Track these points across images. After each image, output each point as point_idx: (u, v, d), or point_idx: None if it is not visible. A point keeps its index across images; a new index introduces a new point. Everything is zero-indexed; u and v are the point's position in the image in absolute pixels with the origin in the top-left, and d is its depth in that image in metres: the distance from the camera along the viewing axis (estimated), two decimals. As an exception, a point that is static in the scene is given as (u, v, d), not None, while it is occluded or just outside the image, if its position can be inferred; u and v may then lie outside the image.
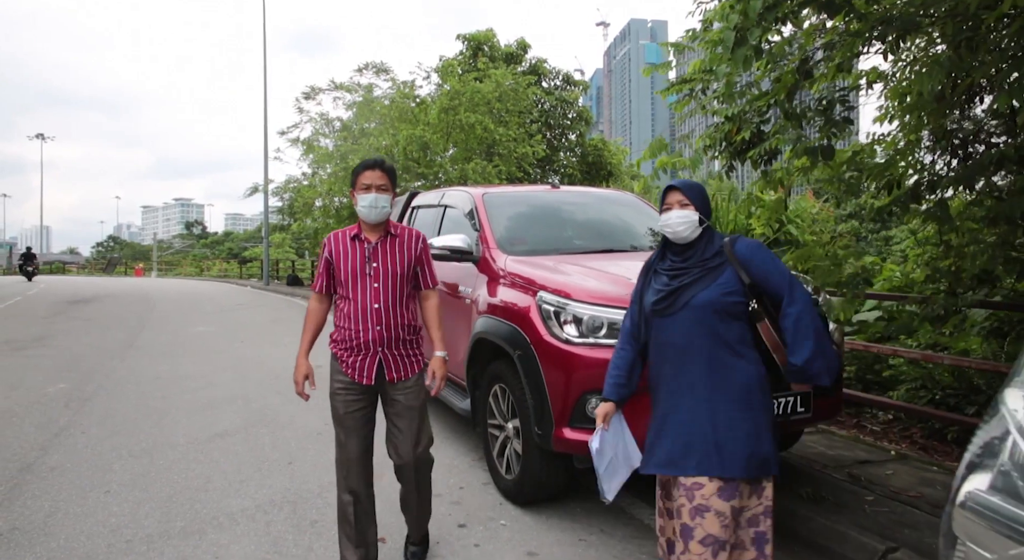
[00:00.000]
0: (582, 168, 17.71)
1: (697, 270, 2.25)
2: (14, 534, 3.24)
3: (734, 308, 2.21)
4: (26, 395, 6.16)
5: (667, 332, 2.27)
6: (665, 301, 2.26)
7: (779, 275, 2.23)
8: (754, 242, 2.31)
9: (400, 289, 2.75)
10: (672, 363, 2.26)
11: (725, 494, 2.13)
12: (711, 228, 2.35)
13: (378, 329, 2.69)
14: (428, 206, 5.63)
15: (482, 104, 12.79)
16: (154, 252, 57.80)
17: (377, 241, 2.74)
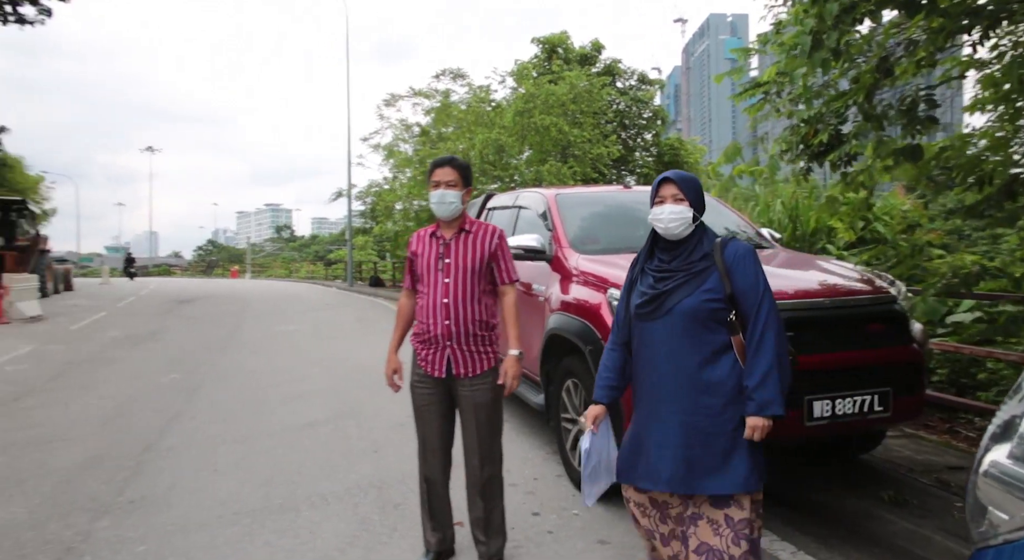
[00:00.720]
0: (658, 168, 17.50)
1: (682, 274, 2.13)
2: (143, 501, 3.66)
3: (717, 316, 2.09)
4: (145, 384, 6.80)
5: (649, 337, 2.17)
6: (649, 305, 2.15)
7: (753, 292, 2.09)
8: (744, 249, 2.17)
9: (471, 285, 2.75)
10: (654, 369, 2.15)
11: (718, 503, 2.08)
12: (704, 226, 2.22)
13: (447, 323, 2.72)
14: (503, 207, 5.82)
15: (556, 106, 12.92)
16: (247, 255, 61.27)
17: (451, 237, 2.79)
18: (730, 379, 2.08)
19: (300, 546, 3.12)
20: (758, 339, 2.05)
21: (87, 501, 3.67)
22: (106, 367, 7.86)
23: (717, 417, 2.07)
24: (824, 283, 3.61)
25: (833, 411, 3.15)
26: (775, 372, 2.03)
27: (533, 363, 4.34)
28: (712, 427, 2.07)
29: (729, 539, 2.06)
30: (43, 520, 3.42)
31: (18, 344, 9.73)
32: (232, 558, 3.00)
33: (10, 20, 18.23)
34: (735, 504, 2.07)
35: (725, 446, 2.06)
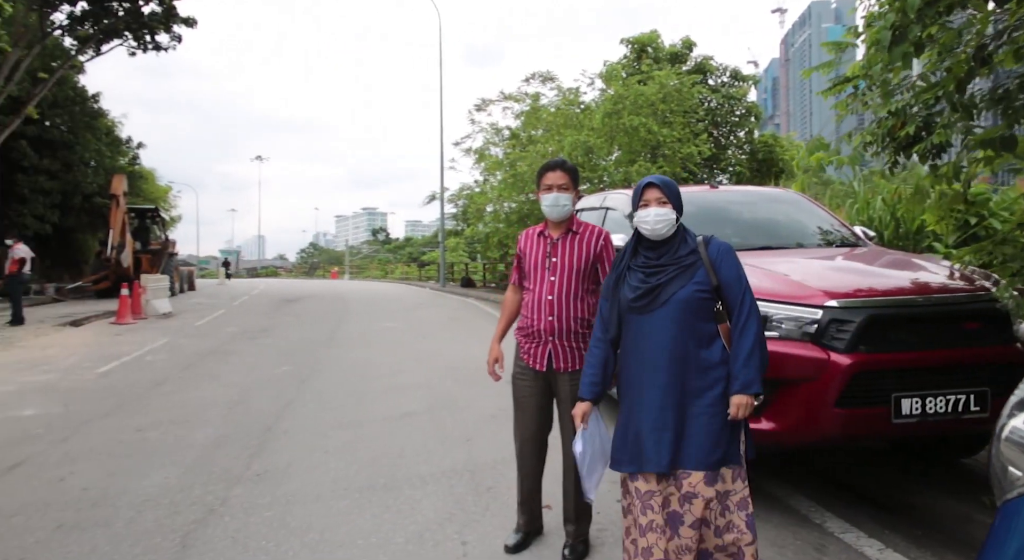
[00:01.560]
0: (751, 166, 17.02)
1: (673, 268, 2.31)
2: (267, 474, 4.12)
3: (706, 306, 2.29)
4: (261, 375, 7.48)
5: (644, 329, 2.32)
6: (644, 298, 2.31)
7: (737, 284, 2.31)
8: (725, 245, 2.38)
9: (576, 283, 2.86)
10: (648, 359, 2.31)
11: (709, 480, 2.24)
12: (684, 226, 2.41)
13: (550, 319, 2.85)
14: (591, 209, 5.99)
15: (646, 106, 12.88)
16: (346, 257, 64.29)
17: (559, 237, 2.92)
18: (721, 362, 2.27)
19: (402, 520, 3.43)
20: (742, 325, 2.25)
21: (222, 472, 4.18)
22: (228, 358, 8.67)
23: (710, 398, 2.25)
24: (917, 281, 3.56)
25: (923, 410, 3.12)
26: (756, 354, 2.24)
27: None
28: (706, 408, 2.25)
29: (717, 512, 2.26)
30: (189, 485, 3.94)
31: (155, 337, 10.88)
32: (344, 526, 3.36)
33: (149, 48, 20.29)
34: (721, 479, 2.26)
35: (717, 425, 2.24)
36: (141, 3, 19.79)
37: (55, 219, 22.21)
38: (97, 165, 23.83)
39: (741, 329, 2.25)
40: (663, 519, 2.25)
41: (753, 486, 3.72)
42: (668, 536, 2.25)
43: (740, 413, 2.23)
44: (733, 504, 2.27)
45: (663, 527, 2.25)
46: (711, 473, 2.23)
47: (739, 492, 2.28)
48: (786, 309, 3.21)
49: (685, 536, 2.24)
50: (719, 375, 2.26)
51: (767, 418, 3.19)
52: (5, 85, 18.26)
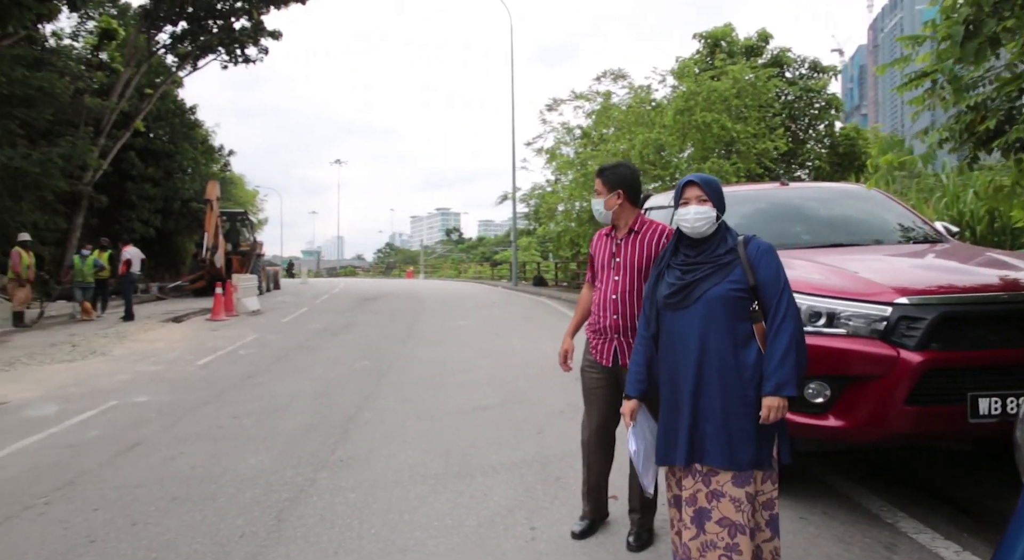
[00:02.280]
0: (831, 160, 16.33)
1: (709, 266, 2.32)
2: (351, 460, 4.43)
3: (741, 305, 2.28)
4: (343, 369, 7.92)
5: (679, 326, 2.34)
6: (678, 295, 2.33)
7: (775, 283, 2.28)
8: (765, 245, 2.36)
9: (638, 282, 2.93)
10: (682, 356, 2.32)
11: (738, 480, 2.23)
12: (725, 224, 2.41)
13: (614, 317, 2.95)
14: (660, 208, 6.02)
15: (719, 102, 12.64)
16: (420, 257, 65.83)
17: (623, 237, 3.03)
18: (755, 363, 2.25)
19: (475, 505, 3.64)
20: (778, 325, 2.22)
21: (309, 457, 4.52)
22: (312, 353, 9.20)
23: (742, 398, 2.24)
24: (1002, 278, 3.45)
25: (1003, 410, 3.04)
26: (792, 355, 2.20)
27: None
28: (738, 409, 2.24)
29: (748, 513, 2.23)
30: (281, 468, 4.29)
31: (246, 333, 11.65)
32: (421, 509, 3.59)
33: (239, 61, 21.65)
34: (753, 481, 2.25)
35: (746, 426, 2.23)
36: (233, 20, 21.12)
37: (158, 223, 24.01)
38: (193, 172, 25.57)
39: (776, 329, 2.23)
40: (689, 516, 2.29)
41: (819, 482, 3.73)
42: (694, 533, 2.27)
43: (772, 416, 2.20)
44: (759, 504, 2.28)
45: (688, 524, 2.29)
46: (741, 474, 2.23)
47: (767, 493, 2.29)
48: (854, 306, 3.19)
49: (711, 532, 2.23)
50: (752, 376, 2.24)
51: (834, 415, 3.19)
52: (118, 102, 19.91)
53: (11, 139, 15.39)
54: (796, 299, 3.28)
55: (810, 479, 3.86)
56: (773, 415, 2.19)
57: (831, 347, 3.18)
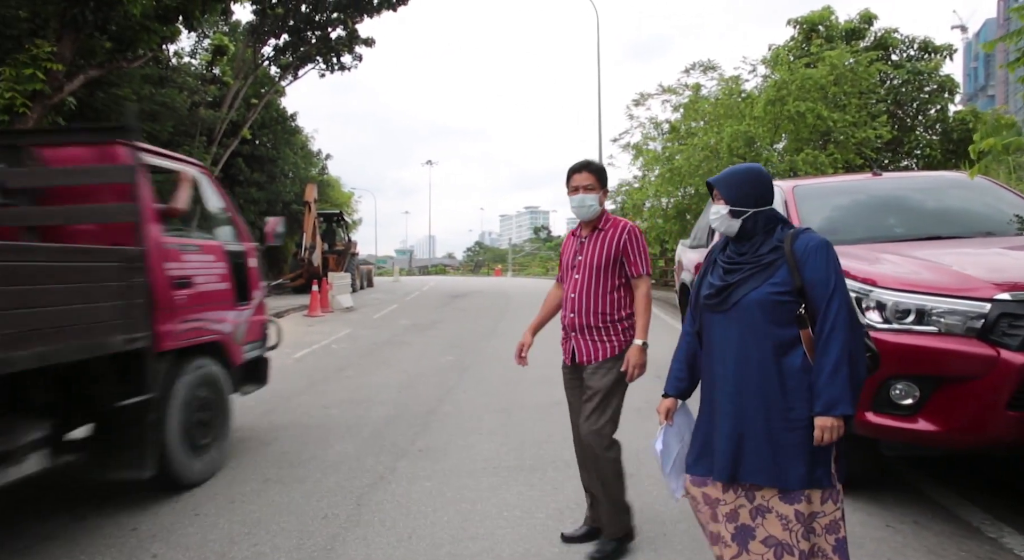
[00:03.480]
0: (944, 147, 15.05)
1: (750, 266, 2.11)
2: (429, 450, 4.60)
3: (785, 310, 2.04)
4: (428, 363, 8.18)
5: (717, 330, 2.17)
6: (716, 297, 2.16)
7: (824, 285, 2.00)
8: (816, 240, 2.07)
9: (597, 281, 2.93)
10: (721, 362, 2.14)
11: (787, 498, 2.03)
12: (777, 218, 2.16)
13: (571, 315, 2.97)
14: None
15: (814, 90, 11.97)
16: (509, 255, 66.53)
17: (587, 236, 3.01)
18: (799, 374, 2.02)
19: (544, 498, 3.69)
20: (827, 335, 1.97)
21: (391, 446, 4.73)
22: (400, 348, 9.56)
23: (784, 411, 2.02)
24: None
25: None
26: (844, 369, 1.95)
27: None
28: (779, 421, 2.02)
29: (799, 533, 2.01)
30: (364, 455, 4.52)
31: (339, 328, 12.25)
32: (492, 499, 3.68)
33: (335, 69, 22.78)
34: (804, 499, 2.02)
35: (792, 440, 2.01)
36: (329, 30, 22.19)
37: (261, 225, 25.61)
38: (294, 176, 27.08)
39: (826, 339, 1.98)
40: (730, 533, 2.10)
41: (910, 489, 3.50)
42: (736, 551, 2.09)
43: (826, 437, 1.97)
44: (821, 527, 2.05)
45: (728, 541, 2.11)
46: (786, 492, 2.03)
47: (828, 514, 2.05)
48: (947, 302, 2.99)
49: (755, 552, 2.06)
50: (797, 386, 2.02)
51: (924, 418, 3.00)
52: (228, 112, 21.45)
53: (137, 150, 16.88)
54: (881, 295, 3.16)
55: (900, 485, 3.64)
56: (827, 436, 1.97)
57: (921, 346, 2.99)
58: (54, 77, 12.20)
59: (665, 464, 2.34)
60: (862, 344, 2.05)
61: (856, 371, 1.99)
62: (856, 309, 2.10)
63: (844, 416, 1.96)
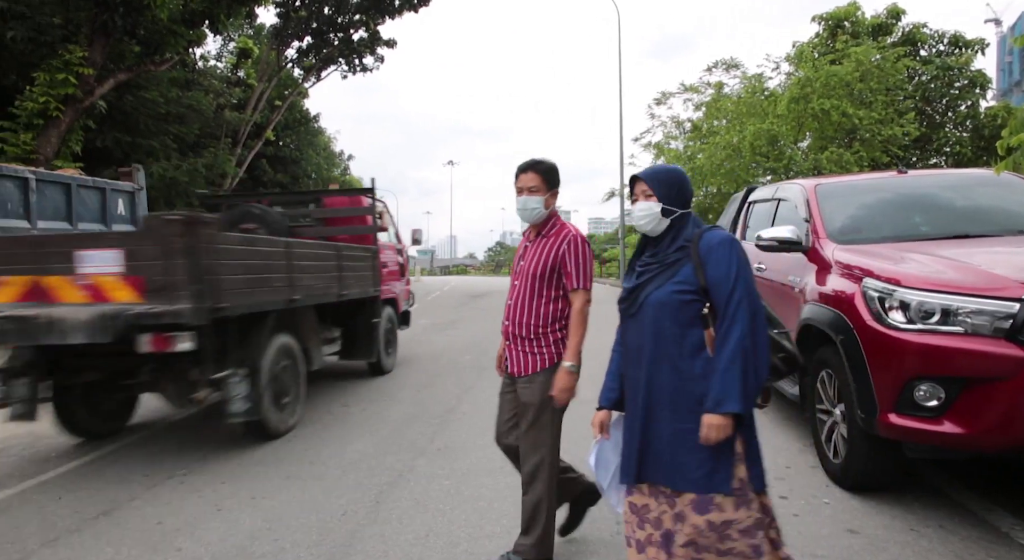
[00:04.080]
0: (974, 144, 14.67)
1: (656, 266, 2.08)
2: (447, 449, 4.62)
3: (689, 309, 2.00)
4: (447, 363, 8.21)
5: (631, 334, 2.13)
6: (626, 301, 2.13)
7: (724, 283, 1.94)
8: (718, 237, 2.01)
9: (532, 288, 2.75)
10: (635, 366, 2.11)
11: (699, 507, 1.96)
12: (685, 219, 2.09)
13: (506, 324, 2.84)
14: (763, 200, 5.77)
15: (839, 87, 11.76)
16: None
17: (532, 242, 2.82)
18: (703, 373, 1.98)
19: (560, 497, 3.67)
20: (724, 331, 1.93)
21: (409, 444, 4.75)
22: (419, 347, 9.61)
23: (688, 414, 1.98)
24: None
25: None
26: (737, 366, 1.89)
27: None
28: (682, 423, 1.98)
29: (714, 539, 1.97)
30: (382, 453, 4.55)
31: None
32: (510, 498, 3.67)
33: (358, 70, 23.00)
34: (716, 507, 1.96)
35: (692, 442, 1.96)
36: (352, 32, 22.39)
37: (285, 225, 25.91)
38: (316, 176, 27.36)
39: (723, 335, 1.93)
40: (658, 541, 2.05)
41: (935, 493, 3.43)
42: (663, 556, 2.04)
43: (711, 436, 1.90)
44: (736, 532, 1.97)
45: (656, 546, 2.06)
46: (701, 497, 1.97)
47: (743, 521, 1.97)
48: (974, 302, 2.92)
49: (678, 555, 2.02)
50: (701, 388, 1.97)
51: (950, 420, 2.93)
52: (252, 114, 21.76)
53: (167, 152, 17.24)
54: (905, 295, 3.10)
55: (923, 488, 3.57)
56: (713, 435, 1.90)
57: (946, 347, 2.93)
58: (85, 81, 12.49)
59: (602, 478, 2.27)
60: (764, 343, 1.96)
61: (752, 370, 1.92)
62: (762, 308, 1.98)
63: (735, 415, 1.90)
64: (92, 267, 4.06)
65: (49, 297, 4.12)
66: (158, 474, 4.25)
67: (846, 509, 3.34)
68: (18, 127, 12.10)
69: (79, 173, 9.60)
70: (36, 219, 8.00)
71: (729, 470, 1.97)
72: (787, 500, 3.48)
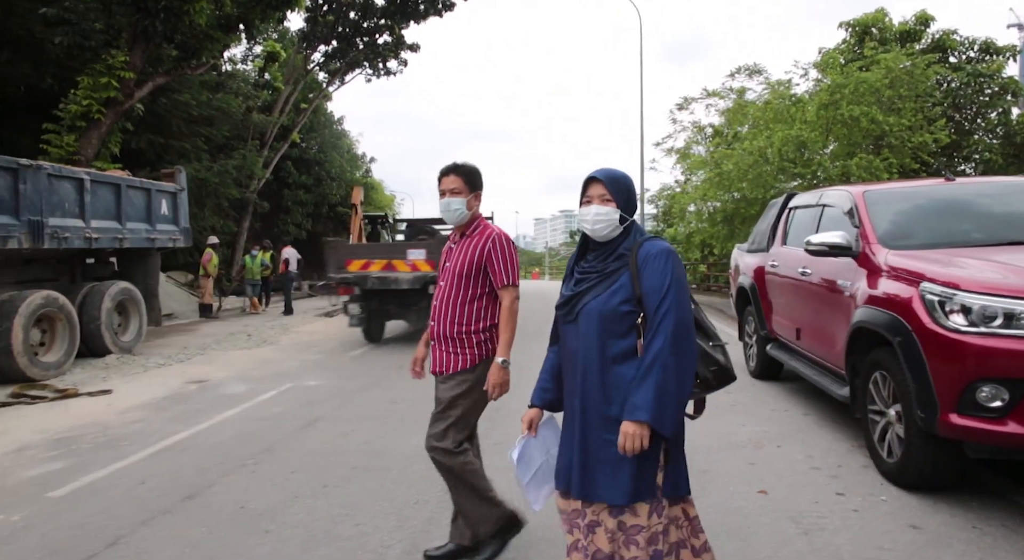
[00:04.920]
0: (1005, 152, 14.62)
1: (595, 275, 2.08)
2: (496, 447, 4.77)
3: (624, 319, 2.01)
4: (484, 361, 8.37)
5: (567, 340, 2.14)
6: (564, 307, 2.14)
7: (656, 293, 1.96)
8: (657, 247, 2.03)
9: (457, 289, 2.80)
10: (571, 374, 2.12)
11: (614, 512, 2.01)
12: (633, 227, 2.11)
13: (432, 324, 2.87)
14: (806, 206, 5.88)
15: (868, 94, 11.80)
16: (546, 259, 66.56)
17: (456, 243, 2.89)
18: (630, 383, 1.98)
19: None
20: (648, 342, 1.95)
21: (465, 439, 4.91)
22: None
23: (605, 422, 2.00)
24: None
25: None
26: (655, 375, 1.90)
27: (838, 356, 4.44)
28: (611, 432, 1.98)
29: (621, 542, 2.01)
30: (441, 446, 4.71)
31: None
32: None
33: (381, 74, 23.28)
34: (629, 511, 2.00)
35: (609, 455, 1.98)
36: (377, 36, 22.67)
37: (308, 226, 26.25)
38: (339, 178, 27.69)
39: (647, 344, 1.95)
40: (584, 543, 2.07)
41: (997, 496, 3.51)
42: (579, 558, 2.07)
43: (627, 444, 1.90)
44: (643, 540, 2.00)
45: (569, 548, 2.13)
46: (613, 506, 2.00)
47: (651, 528, 2.01)
48: (1018, 303, 3.04)
49: None
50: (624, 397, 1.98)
51: (1015, 421, 3.04)
52: (279, 117, 22.10)
53: (197, 154, 17.59)
54: (965, 299, 3.21)
55: (982, 489, 3.66)
56: (628, 443, 1.90)
57: (1010, 349, 3.04)
58: (126, 85, 12.83)
59: (523, 474, 2.29)
60: (688, 355, 1.97)
61: (669, 382, 1.91)
62: (691, 320, 2.00)
63: (649, 425, 1.90)
64: (413, 256, 9.39)
65: (394, 268, 9.34)
66: (229, 463, 4.45)
67: (905, 506, 3.44)
68: (62, 129, 12.47)
69: (127, 174, 9.90)
70: (90, 218, 8.30)
71: (653, 477, 1.99)
72: (844, 497, 3.60)
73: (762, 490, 3.69)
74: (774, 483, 3.80)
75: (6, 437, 5.21)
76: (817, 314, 4.99)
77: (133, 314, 9.46)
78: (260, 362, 8.68)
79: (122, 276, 9.63)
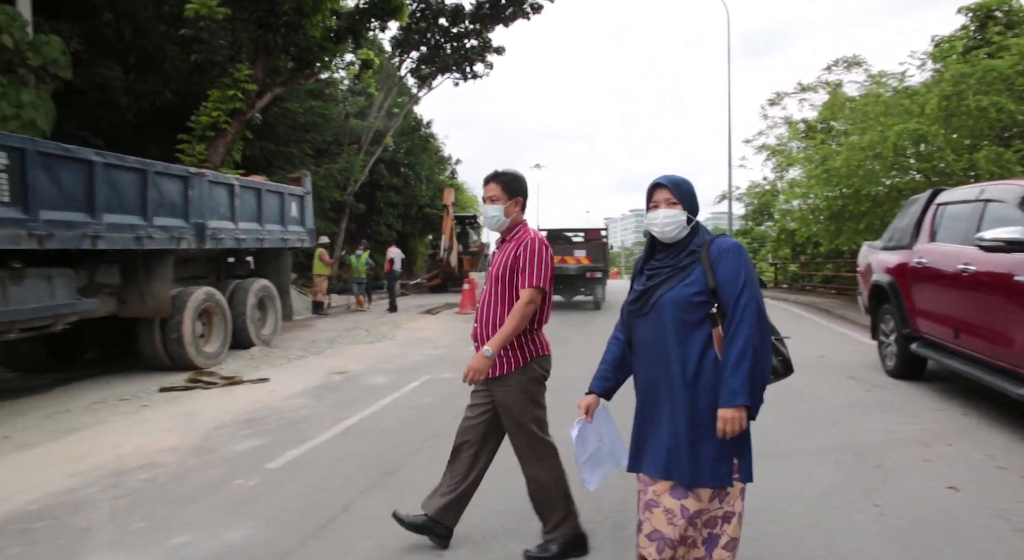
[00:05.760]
0: None
1: (668, 269, 2.22)
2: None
3: (699, 309, 2.14)
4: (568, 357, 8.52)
5: (641, 332, 2.26)
6: (638, 301, 2.26)
7: (733, 284, 2.10)
8: (729, 243, 2.18)
9: (498, 293, 2.87)
10: (644, 364, 2.25)
11: (676, 493, 2.12)
12: (700, 226, 2.26)
13: (475, 326, 2.96)
14: (962, 202, 5.74)
15: (997, 82, 11.16)
16: (621, 258, 65.99)
17: (498, 248, 3.02)
18: (709, 371, 2.12)
19: (802, 481, 3.89)
20: (733, 329, 2.07)
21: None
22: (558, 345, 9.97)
23: (697, 408, 2.11)
24: None
25: None
26: (747, 362, 2.03)
27: (1014, 355, 4.36)
28: (693, 418, 2.11)
29: (680, 528, 2.11)
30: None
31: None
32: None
33: (468, 77, 23.86)
34: (692, 495, 2.11)
35: (696, 438, 2.10)
36: (465, 41, 23.23)
37: (398, 226, 27.17)
38: (427, 180, 28.50)
39: (732, 334, 2.08)
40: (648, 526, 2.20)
41: None
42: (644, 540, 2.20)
43: (727, 429, 2.05)
44: (700, 522, 2.16)
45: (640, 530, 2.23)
46: (676, 487, 2.14)
47: (711, 512, 2.15)
48: None
49: (641, 545, 2.20)
50: (706, 383, 2.11)
51: None
52: (374, 122, 23.01)
53: (303, 159, 18.58)
54: None
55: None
56: (728, 428, 2.05)
57: None
58: (249, 96, 13.74)
59: (580, 453, 2.43)
60: (768, 343, 2.13)
61: (759, 367, 2.07)
62: (766, 312, 2.13)
63: (747, 409, 2.05)
64: (579, 253, 15.49)
65: (567, 261, 15.01)
66: (407, 446, 4.78)
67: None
68: (193, 139, 13.48)
69: (265, 179, 10.64)
70: (239, 221, 9.00)
71: (730, 463, 2.13)
72: None
73: (951, 486, 3.69)
74: (963, 481, 3.79)
75: (203, 416, 5.79)
76: (987, 312, 4.88)
77: (270, 310, 10.16)
78: (386, 356, 9.14)
79: (257, 274, 10.36)
